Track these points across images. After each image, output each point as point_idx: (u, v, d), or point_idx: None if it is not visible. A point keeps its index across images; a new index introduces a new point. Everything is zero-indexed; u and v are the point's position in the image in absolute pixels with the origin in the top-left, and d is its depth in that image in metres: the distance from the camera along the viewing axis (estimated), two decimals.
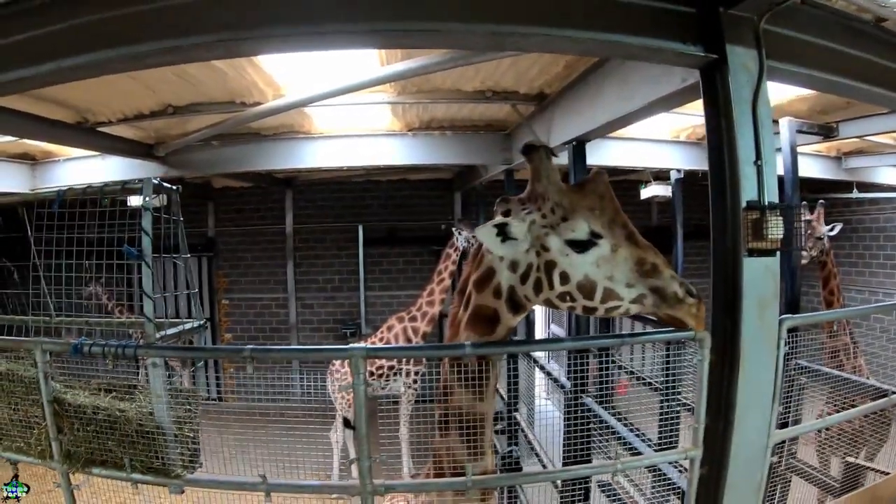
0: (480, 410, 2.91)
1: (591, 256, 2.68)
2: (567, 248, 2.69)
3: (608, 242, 2.69)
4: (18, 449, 3.80)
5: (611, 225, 2.71)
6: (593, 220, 2.69)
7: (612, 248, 2.69)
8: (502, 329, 2.90)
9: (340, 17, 3.07)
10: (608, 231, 2.69)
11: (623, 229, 2.72)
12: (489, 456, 3.02)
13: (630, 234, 2.72)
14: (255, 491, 3.42)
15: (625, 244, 2.70)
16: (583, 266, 2.69)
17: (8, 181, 8.17)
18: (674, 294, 2.71)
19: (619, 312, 2.81)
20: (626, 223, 2.73)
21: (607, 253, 2.68)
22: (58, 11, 3.18)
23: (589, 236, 2.68)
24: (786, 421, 4.46)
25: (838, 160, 9.67)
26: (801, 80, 3.79)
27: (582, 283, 2.70)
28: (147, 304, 3.58)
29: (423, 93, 6.28)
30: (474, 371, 2.89)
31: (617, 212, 2.73)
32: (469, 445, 2.93)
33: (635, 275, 2.69)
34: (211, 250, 13.38)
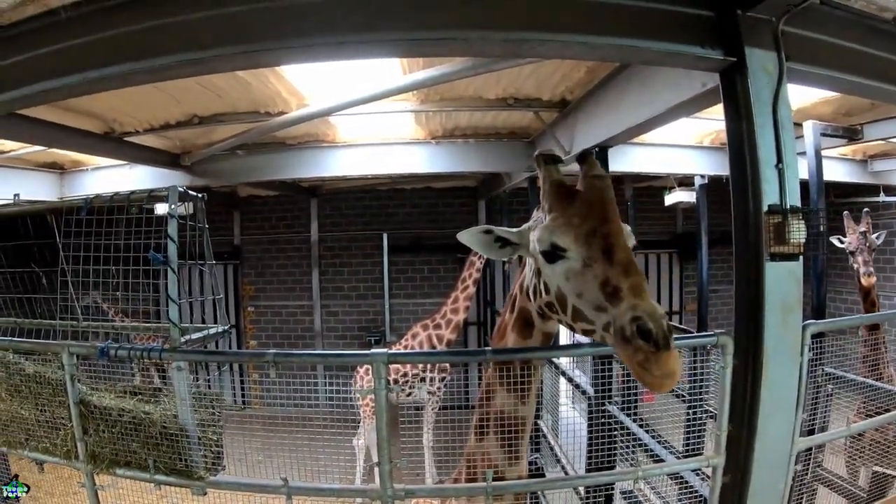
0: (522, 414, 2.87)
1: (560, 268, 2.40)
2: (540, 256, 2.47)
3: (579, 256, 2.35)
4: (44, 449, 3.87)
5: (589, 237, 2.34)
6: (565, 231, 2.39)
7: (583, 264, 2.33)
8: (538, 334, 2.83)
9: (360, 27, 3.11)
10: (584, 244, 2.34)
11: (603, 241, 2.32)
12: (524, 461, 3.00)
13: (609, 247, 2.30)
14: (277, 494, 3.45)
15: (599, 260, 2.29)
16: (555, 277, 2.44)
17: (37, 189, 8.32)
18: (621, 329, 2.15)
19: (597, 338, 2.40)
20: (608, 234, 2.33)
21: (578, 267, 2.34)
22: (83, 25, 3.27)
23: (551, 248, 2.41)
24: (812, 428, 4.41)
25: (864, 163, 9.55)
26: (821, 81, 3.75)
27: (558, 296, 2.45)
28: (173, 309, 3.63)
29: (445, 101, 6.31)
30: (517, 375, 2.86)
31: (603, 221, 2.37)
32: (507, 449, 2.91)
33: (603, 297, 2.25)
34: (237, 258, 13.50)
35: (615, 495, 5.37)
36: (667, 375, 2.09)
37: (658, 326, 2.08)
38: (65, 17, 3.23)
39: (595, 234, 2.33)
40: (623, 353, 2.16)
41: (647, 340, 2.07)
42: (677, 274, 13.74)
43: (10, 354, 3.94)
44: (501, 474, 2.96)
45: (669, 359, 2.09)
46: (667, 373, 2.09)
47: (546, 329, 2.82)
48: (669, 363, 2.09)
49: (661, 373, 2.09)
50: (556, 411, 7.81)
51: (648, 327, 2.08)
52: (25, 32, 3.44)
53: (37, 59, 3.45)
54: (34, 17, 3.39)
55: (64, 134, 5.86)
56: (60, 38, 3.34)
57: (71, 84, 3.41)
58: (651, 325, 2.08)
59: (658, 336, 2.07)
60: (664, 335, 2.08)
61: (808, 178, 5.89)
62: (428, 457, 9.14)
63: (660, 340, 2.07)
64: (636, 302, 2.15)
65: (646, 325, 2.08)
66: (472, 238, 2.71)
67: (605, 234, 2.33)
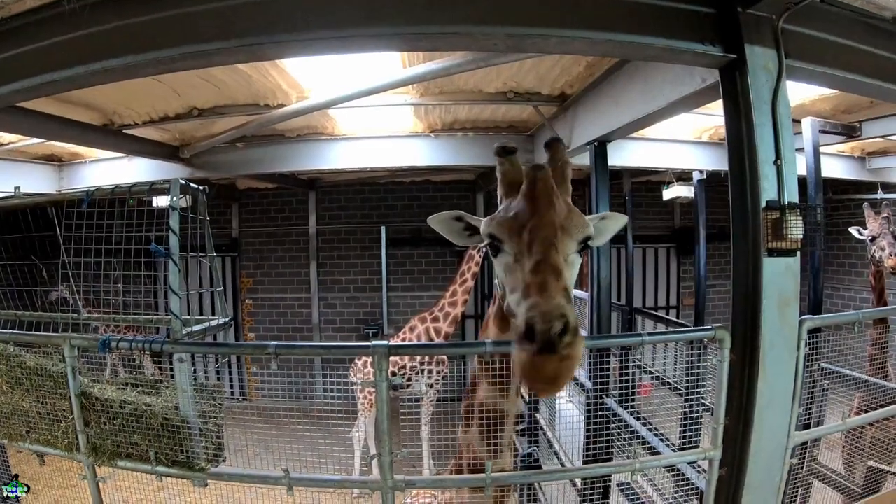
0: (502, 408, 2.83)
1: (500, 262, 2.34)
2: (489, 249, 2.40)
3: (511, 250, 2.28)
4: (46, 441, 3.89)
5: (520, 230, 2.25)
6: (500, 223, 2.33)
7: (515, 257, 2.26)
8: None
9: (361, 21, 3.12)
10: (516, 237, 2.26)
11: (529, 234, 2.22)
12: (507, 455, 2.98)
13: (531, 242, 2.19)
14: (278, 485, 3.47)
15: (525, 255, 2.19)
16: (498, 270, 2.38)
17: (35, 182, 8.32)
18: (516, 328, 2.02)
19: None
20: (534, 227, 2.22)
21: (510, 261, 2.28)
22: (87, 17, 3.27)
23: (489, 239, 2.36)
24: (808, 423, 4.44)
25: (862, 160, 9.56)
26: (821, 79, 3.77)
27: (502, 289, 2.39)
28: (174, 301, 3.64)
29: (445, 94, 6.32)
30: (498, 368, 2.81)
31: (532, 213, 2.26)
32: (488, 442, 2.89)
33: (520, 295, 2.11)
34: (235, 251, 13.49)
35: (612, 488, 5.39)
36: (542, 379, 1.96)
37: (545, 327, 1.90)
38: (67, 10, 3.22)
39: (525, 226, 2.24)
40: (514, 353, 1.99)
41: (531, 340, 1.91)
42: (675, 268, 13.77)
43: (10, 347, 3.95)
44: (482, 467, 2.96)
45: (547, 363, 1.91)
46: (544, 377, 1.94)
47: None
48: (546, 368, 1.92)
49: (536, 376, 1.96)
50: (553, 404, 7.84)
51: (535, 326, 1.91)
52: (27, 24, 3.45)
53: (38, 52, 3.46)
54: (36, 9, 3.40)
55: (63, 126, 5.86)
56: (62, 30, 3.35)
57: (73, 76, 3.42)
58: (538, 325, 1.91)
59: (541, 336, 1.89)
60: (547, 337, 1.89)
61: (807, 174, 5.91)
62: (426, 449, 9.16)
63: (542, 341, 1.89)
64: (535, 300, 2.00)
65: (534, 323, 1.92)
66: (441, 223, 2.69)
67: (533, 226, 2.22)
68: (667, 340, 4.19)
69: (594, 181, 5.69)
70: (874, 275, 6.67)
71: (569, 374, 1.96)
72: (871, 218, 6.74)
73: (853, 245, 12.00)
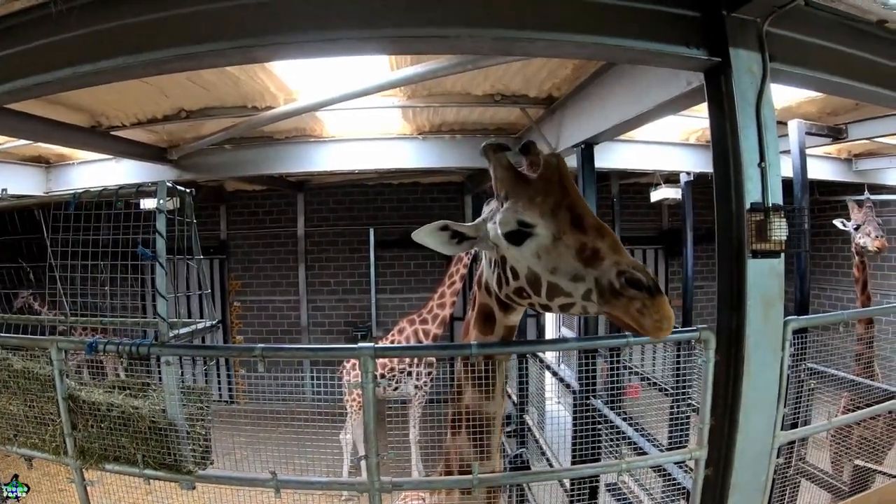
0: (488, 411, 2.85)
1: (529, 248, 2.39)
2: (504, 241, 2.46)
3: (548, 231, 2.36)
4: (33, 445, 3.86)
5: (554, 211, 2.36)
6: (529, 208, 2.40)
7: (553, 237, 2.35)
8: (500, 328, 2.81)
9: (350, 24, 3.13)
10: (550, 218, 2.36)
11: (569, 212, 2.35)
12: (496, 458, 2.98)
13: (577, 217, 2.34)
14: (265, 487, 3.46)
15: (569, 230, 2.32)
16: (523, 259, 2.42)
17: (23, 184, 8.27)
18: (609, 285, 2.21)
19: (577, 311, 2.39)
20: (573, 205, 2.37)
21: (547, 242, 2.36)
22: (76, 19, 3.25)
23: (518, 226, 2.41)
24: (794, 423, 4.47)
25: (849, 162, 9.64)
26: (805, 82, 3.80)
27: (529, 278, 2.43)
28: (161, 304, 3.63)
29: (433, 96, 6.34)
30: (482, 371, 2.83)
31: (565, 194, 2.39)
32: (477, 446, 2.89)
33: (580, 265, 2.28)
34: (223, 253, 13.47)
35: (600, 488, 5.41)
36: (665, 318, 2.16)
37: (647, 275, 2.16)
38: (55, 11, 3.21)
39: (560, 206, 2.37)
40: (617, 308, 2.21)
41: (640, 289, 2.16)
42: (663, 270, 13.82)
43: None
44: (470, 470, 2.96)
45: (664, 303, 2.17)
46: (665, 315, 2.16)
47: (508, 322, 2.81)
48: (665, 307, 2.17)
49: (659, 316, 2.16)
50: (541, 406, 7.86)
51: (638, 276, 2.16)
52: (16, 26, 3.43)
53: (26, 54, 3.45)
54: (25, 10, 3.38)
55: (50, 128, 5.83)
56: (51, 31, 3.34)
57: (62, 78, 3.41)
58: (640, 275, 2.16)
59: (650, 283, 2.15)
60: (654, 282, 2.16)
61: (793, 176, 5.96)
62: (415, 451, 9.16)
63: (652, 287, 2.15)
64: (617, 258, 2.23)
65: (634, 275, 2.16)
66: (428, 236, 2.66)
67: (570, 205, 2.37)
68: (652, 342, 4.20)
69: (581, 183, 5.70)
70: (858, 266, 6.90)
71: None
72: (856, 209, 7.13)
73: (840, 245, 12.09)
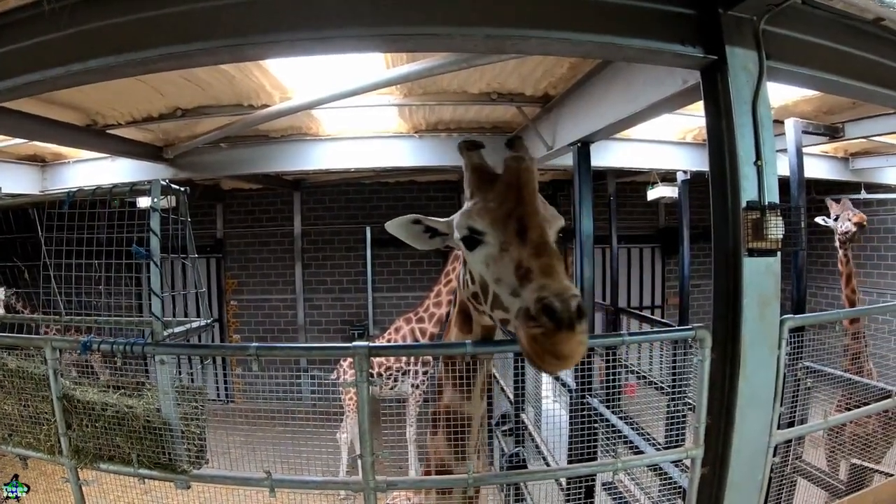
0: (467, 411, 2.81)
1: (480, 255, 2.29)
2: (462, 244, 2.36)
3: (496, 240, 2.24)
4: (28, 444, 3.86)
5: (505, 220, 2.24)
6: (481, 215, 2.30)
7: (500, 248, 2.22)
8: (477, 327, 2.73)
9: (342, 22, 3.11)
10: (500, 228, 2.24)
11: (517, 223, 2.21)
12: (474, 460, 2.94)
13: (523, 229, 2.19)
14: (260, 487, 3.46)
15: (514, 243, 2.18)
16: (476, 265, 2.33)
17: (18, 182, 8.25)
18: (525, 310, 1.99)
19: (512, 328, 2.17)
20: (522, 216, 2.22)
21: (495, 252, 2.24)
22: (67, 18, 3.24)
23: (468, 232, 2.31)
24: (791, 421, 4.47)
25: (845, 161, 9.66)
26: (802, 80, 3.80)
27: (481, 284, 2.33)
28: (155, 303, 3.62)
29: (429, 95, 6.32)
30: (462, 370, 2.80)
31: (519, 203, 2.27)
32: (453, 446, 2.86)
33: (516, 281, 2.11)
34: (220, 252, 13.44)
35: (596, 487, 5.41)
36: (559, 356, 1.95)
37: (564, 306, 1.92)
38: (48, 10, 3.20)
39: (511, 216, 2.23)
40: (522, 332, 1.99)
41: (551, 318, 1.92)
42: (659, 268, 13.84)
43: None
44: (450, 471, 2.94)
45: (567, 340, 1.92)
46: (560, 354, 1.94)
47: (483, 322, 2.68)
48: (565, 345, 1.93)
49: (553, 350, 1.93)
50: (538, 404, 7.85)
51: (554, 305, 1.92)
52: (7, 25, 3.42)
53: (19, 52, 3.44)
54: (17, 8, 3.37)
55: (45, 126, 5.82)
56: (43, 30, 3.32)
57: (54, 77, 3.40)
58: (557, 304, 1.92)
59: (562, 314, 1.91)
60: (569, 315, 1.91)
61: (790, 175, 5.95)
62: (412, 450, 9.15)
63: (563, 319, 1.91)
64: (545, 282, 2.01)
65: (552, 303, 1.92)
66: (400, 228, 2.65)
67: (520, 216, 2.22)
68: (648, 340, 4.22)
69: (577, 182, 5.70)
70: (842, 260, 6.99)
71: (583, 352, 1.97)
72: (834, 205, 7.36)
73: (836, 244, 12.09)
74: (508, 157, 2.40)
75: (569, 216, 12.93)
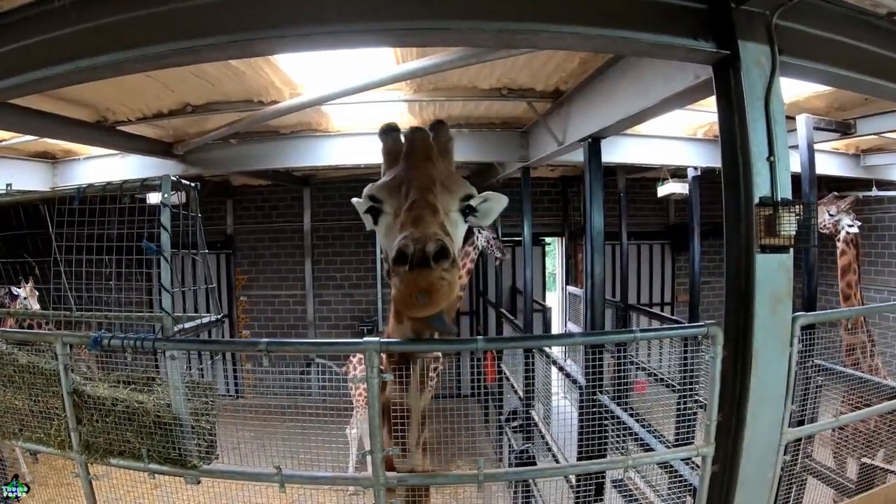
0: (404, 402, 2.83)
1: (382, 225, 2.36)
2: (370, 217, 2.42)
3: (391, 208, 2.30)
4: (38, 439, 3.87)
5: (399, 187, 2.29)
6: (381, 185, 2.38)
7: (394, 214, 2.26)
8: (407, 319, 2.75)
9: (352, 17, 3.10)
10: (395, 195, 2.29)
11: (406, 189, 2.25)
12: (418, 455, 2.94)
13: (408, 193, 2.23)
14: (270, 482, 3.46)
15: (405, 205, 2.19)
16: (381, 237, 2.39)
17: (29, 179, 8.30)
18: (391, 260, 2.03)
19: None
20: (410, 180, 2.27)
21: (390, 219, 2.28)
22: (76, 14, 3.24)
23: (370, 202, 2.38)
24: (801, 419, 4.44)
25: (857, 157, 9.58)
26: (814, 75, 3.77)
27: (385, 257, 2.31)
28: (166, 299, 3.63)
29: (439, 90, 6.31)
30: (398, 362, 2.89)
31: (408, 169, 2.33)
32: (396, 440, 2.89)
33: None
34: (229, 247, 13.50)
35: (606, 484, 5.40)
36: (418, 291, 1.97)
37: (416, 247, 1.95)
38: (56, 6, 3.21)
39: (403, 182, 2.28)
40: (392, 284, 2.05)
41: (405, 261, 1.96)
42: (669, 265, 13.81)
43: (3, 345, 3.93)
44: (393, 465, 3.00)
45: (420, 276, 1.95)
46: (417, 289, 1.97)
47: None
48: (420, 279, 1.95)
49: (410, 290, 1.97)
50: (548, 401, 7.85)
51: (406, 249, 1.95)
52: (17, 21, 3.42)
53: (28, 48, 3.44)
54: (27, 5, 3.37)
55: (56, 123, 5.85)
56: (52, 26, 3.33)
57: (63, 73, 3.39)
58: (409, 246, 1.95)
59: (413, 254, 1.94)
60: (420, 254, 1.94)
61: (801, 171, 5.91)
62: None
63: (413, 257, 1.94)
64: (408, 231, 2.04)
65: (405, 246, 1.96)
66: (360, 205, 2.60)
67: (408, 180, 2.28)
68: (659, 337, 4.19)
69: (588, 178, 5.67)
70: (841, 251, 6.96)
71: (445, 292, 1.99)
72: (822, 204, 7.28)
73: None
74: (407, 130, 2.46)
75: (579, 212, 13.00)
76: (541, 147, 7.30)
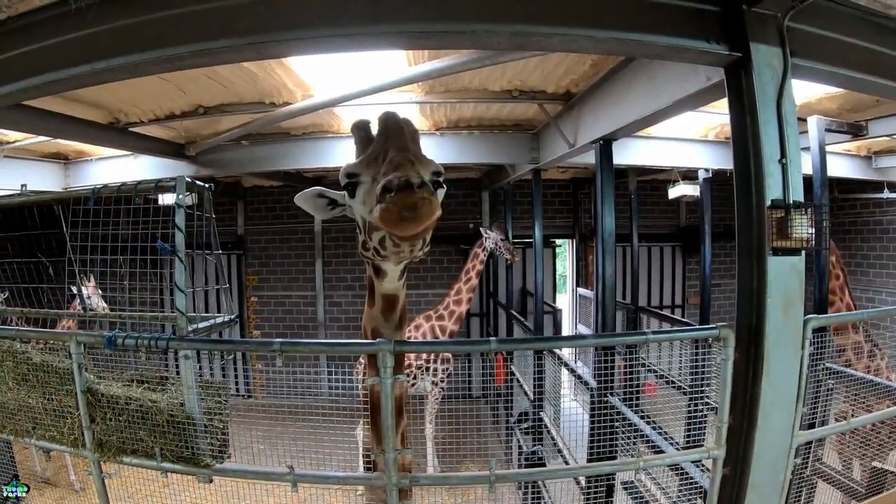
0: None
1: (359, 195, 2.42)
2: (346, 195, 2.51)
3: (369, 176, 2.35)
4: (52, 438, 3.90)
5: (375, 158, 2.33)
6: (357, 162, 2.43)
7: (372, 179, 2.30)
8: (378, 298, 2.96)
9: (367, 19, 3.12)
10: (373, 165, 2.33)
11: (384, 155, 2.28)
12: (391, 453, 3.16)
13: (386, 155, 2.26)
14: (282, 481, 3.48)
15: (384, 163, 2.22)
16: (357, 208, 2.45)
17: (42, 180, 8.36)
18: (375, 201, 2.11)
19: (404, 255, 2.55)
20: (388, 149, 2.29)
21: (368, 185, 2.34)
22: (92, 16, 3.27)
23: (347, 179, 2.44)
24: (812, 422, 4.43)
25: (868, 159, 9.55)
26: (826, 77, 3.76)
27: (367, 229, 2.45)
28: (179, 298, 3.64)
29: (450, 92, 6.32)
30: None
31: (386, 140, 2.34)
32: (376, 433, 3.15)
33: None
34: (240, 248, 13.53)
35: (616, 486, 5.39)
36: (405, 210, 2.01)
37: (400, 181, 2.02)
38: (73, 8, 3.23)
39: (380, 152, 2.31)
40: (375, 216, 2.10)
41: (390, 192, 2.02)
42: (680, 267, 13.76)
43: (17, 344, 3.97)
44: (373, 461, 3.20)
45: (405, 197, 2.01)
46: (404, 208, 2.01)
47: (383, 290, 2.94)
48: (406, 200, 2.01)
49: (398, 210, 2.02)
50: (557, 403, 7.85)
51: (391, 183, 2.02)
52: (33, 23, 3.45)
53: (44, 50, 3.47)
54: (43, 7, 3.40)
55: (69, 124, 5.90)
56: (69, 28, 3.35)
57: (79, 75, 3.42)
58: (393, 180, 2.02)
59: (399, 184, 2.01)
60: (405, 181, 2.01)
61: (812, 173, 5.89)
62: (430, 447, 9.16)
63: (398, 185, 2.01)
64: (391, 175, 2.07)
65: (389, 181, 2.03)
66: (305, 201, 2.81)
67: (385, 150, 2.29)
68: (671, 339, 4.18)
69: (599, 180, 5.67)
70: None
71: (428, 208, 2.04)
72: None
73: (859, 244, 11.99)
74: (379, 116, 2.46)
75: (590, 214, 12.99)
76: (552, 149, 7.31)
